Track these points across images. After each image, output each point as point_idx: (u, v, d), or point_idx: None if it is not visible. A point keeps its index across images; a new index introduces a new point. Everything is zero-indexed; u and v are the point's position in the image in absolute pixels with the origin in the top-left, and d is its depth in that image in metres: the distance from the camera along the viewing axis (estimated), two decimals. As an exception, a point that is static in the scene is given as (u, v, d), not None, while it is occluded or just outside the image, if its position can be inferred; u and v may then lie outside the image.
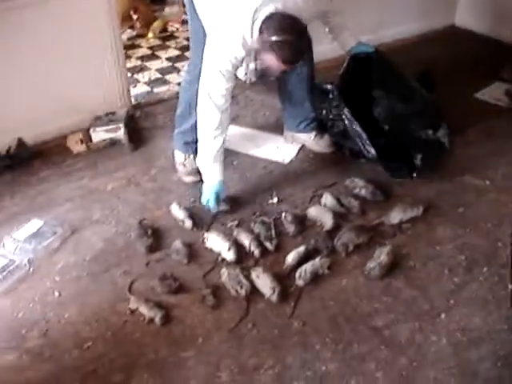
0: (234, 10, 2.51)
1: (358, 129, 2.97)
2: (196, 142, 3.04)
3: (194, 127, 2.99)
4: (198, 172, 3.02)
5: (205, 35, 2.70)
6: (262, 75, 2.62)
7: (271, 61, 2.52)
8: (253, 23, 2.48)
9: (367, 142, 2.97)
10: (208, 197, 2.78)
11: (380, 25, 4.32)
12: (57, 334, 2.26)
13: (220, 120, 2.67)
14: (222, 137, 2.73)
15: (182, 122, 3.05)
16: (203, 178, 2.84)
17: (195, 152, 3.06)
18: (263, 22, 2.46)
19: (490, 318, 2.30)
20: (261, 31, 2.46)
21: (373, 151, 2.96)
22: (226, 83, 2.61)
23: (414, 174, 2.99)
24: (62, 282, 2.49)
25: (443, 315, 2.31)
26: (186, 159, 3.07)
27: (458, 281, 2.47)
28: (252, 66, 2.57)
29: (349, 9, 2.94)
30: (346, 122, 2.99)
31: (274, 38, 2.43)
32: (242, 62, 2.65)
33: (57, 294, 2.43)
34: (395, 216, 2.76)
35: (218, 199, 2.78)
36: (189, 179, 3.05)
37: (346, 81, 3.03)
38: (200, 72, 2.79)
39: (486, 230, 2.73)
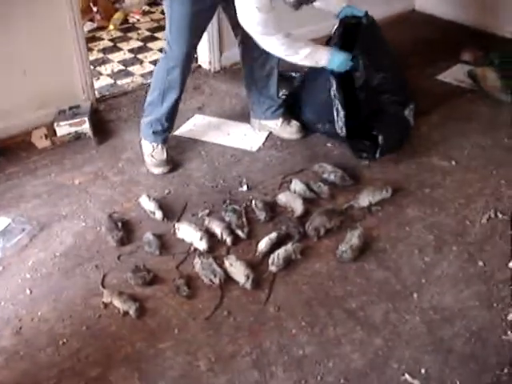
0: None
1: (339, 105, 2.99)
2: (165, 131, 3.03)
3: (165, 116, 2.97)
4: (166, 163, 3.01)
5: (189, 19, 2.70)
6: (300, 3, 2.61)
7: None
8: None
9: (342, 118, 2.99)
10: (343, 63, 2.82)
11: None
12: (31, 332, 2.23)
13: (285, 39, 2.66)
14: (300, 41, 2.75)
15: (151, 110, 3.01)
16: (325, 63, 2.82)
17: (164, 141, 3.05)
18: None
19: (461, 295, 2.35)
20: None
21: (344, 129, 3.00)
22: (265, 15, 2.55)
23: (377, 155, 3.01)
24: (33, 279, 2.46)
25: (415, 294, 2.35)
26: (154, 149, 3.03)
27: (428, 260, 2.51)
28: None
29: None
30: (332, 92, 3.00)
31: None
32: None
33: (28, 291, 2.40)
34: (364, 199, 2.78)
35: (346, 61, 2.82)
36: (158, 171, 3.02)
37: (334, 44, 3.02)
38: (185, 57, 2.82)
39: (453, 209, 2.78)
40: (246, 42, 3.00)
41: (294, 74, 3.48)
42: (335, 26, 3.04)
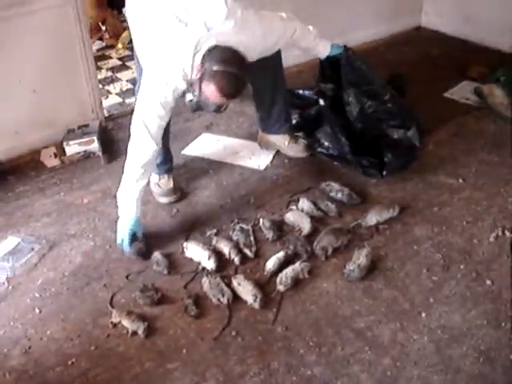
0: (176, 42, 2.49)
1: (334, 125, 3.07)
2: (166, 162, 3.04)
3: (165, 147, 2.97)
4: (174, 192, 3.01)
5: None
6: (198, 108, 2.58)
7: (210, 92, 2.44)
8: (194, 55, 2.45)
9: (342, 138, 3.05)
10: (122, 235, 2.64)
11: (348, 28, 4.36)
12: (40, 351, 2.24)
13: (152, 155, 2.60)
14: (148, 176, 2.68)
15: None
16: (119, 213, 2.68)
17: (168, 171, 3.05)
18: (205, 54, 2.44)
19: (469, 314, 2.34)
20: (202, 62, 2.43)
21: (346, 148, 3.05)
22: (164, 115, 2.56)
23: (384, 173, 3.03)
24: (42, 298, 2.47)
25: (423, 314, 2.35)
26: (160, 179, 3.01)
27: (436, 279, 2.51)
28: (189, 96, 2.52)
29: (317, 12, 2.97)
30: (324, 119, 3.07)
31: (215, 68, 2.39)
32: (182, 94, 2.57)
33: (37, 310, 2.41)
34: (372, 218, 2.78)
35: (133, 238, 2.64)
36: (164, 200, 3.00)
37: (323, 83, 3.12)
38: None
39: (461, 227, 2.78)
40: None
41: (306, 93, 3.52)
42: (318, 67, 3.19)
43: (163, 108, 2.54)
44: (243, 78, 2.46)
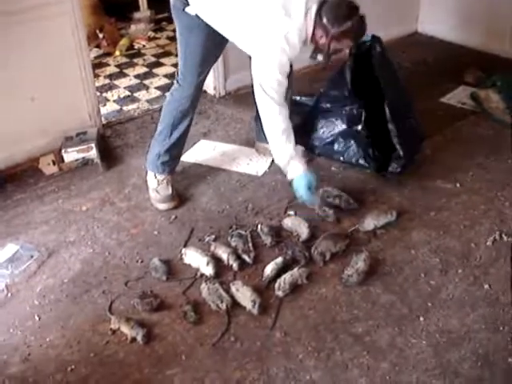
0: (286, 4, 2.54)
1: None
2: (173, 160, 3.03)
3: (174, 146, 2.97)
4: (172, 199, 3.00)
5: (204, 50, 2.76)
6: (327, 63, 2.72)
7: (347, 44, 2.67)
8: (305, 14, 2.55)
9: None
10: (300, 192, 2.77)
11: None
12: (39, 359, 2.24)
13: (283, 119, 2.71)
14: (292, 137, 2.76)
15: (161, 141, 2.97)
16: (288, 176, 2.82)
17: (171, 172, 3.05)
18: (319, 13, 2.54)
19: (467, 318, 2.35)
20: (320, 23, 2.54)
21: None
22: (283, 81, 2.64)
23: (399, 169, 3.07)
24: (41, 305, 2.47)
25: (422, 318, 2.35)
26: (159, 184, 3.00)
27: (434, 283, 2.51)
28: (320, 57, 2.64)
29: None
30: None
31: (347, 26, 2.54)
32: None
33: (37, 317, 2.41)
34: (369, 223, 2.79)
35: (310, 190, 2.76)
36: (162, 206, 2.99)
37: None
38: (196, 87, 2.85)
39: (458, 232, 2.79)
40: None
41: (303, 99, 3.53)
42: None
43: (281, 74, 2.62)
44: (362, 15, 2.62)
